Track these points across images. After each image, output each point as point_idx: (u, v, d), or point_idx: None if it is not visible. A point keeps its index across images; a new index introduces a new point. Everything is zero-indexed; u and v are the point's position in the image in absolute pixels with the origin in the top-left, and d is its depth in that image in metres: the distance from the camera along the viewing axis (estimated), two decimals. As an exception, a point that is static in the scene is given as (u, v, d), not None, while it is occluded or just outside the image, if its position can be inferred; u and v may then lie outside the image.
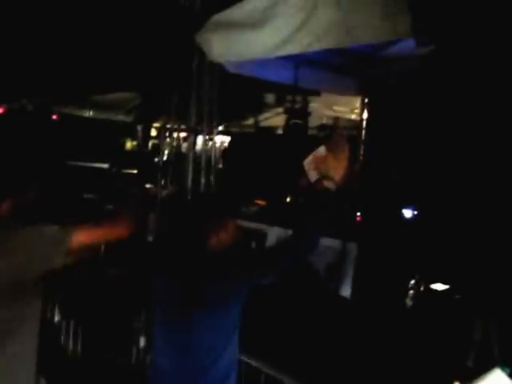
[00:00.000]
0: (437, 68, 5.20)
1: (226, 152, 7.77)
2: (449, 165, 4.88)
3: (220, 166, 7.83)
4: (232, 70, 5.25)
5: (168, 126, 5.45)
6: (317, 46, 3.78)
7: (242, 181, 6.18)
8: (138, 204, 2.50)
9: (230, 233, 2.28)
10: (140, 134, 9.48)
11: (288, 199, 5.52)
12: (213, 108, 5.07)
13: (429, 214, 4.49)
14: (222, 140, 8.93)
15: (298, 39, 3.81)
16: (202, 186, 5.23)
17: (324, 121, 8.59)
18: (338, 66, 5.76)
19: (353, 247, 4.20)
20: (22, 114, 8.51)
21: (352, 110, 6.34)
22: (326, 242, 4.19)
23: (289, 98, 6.35)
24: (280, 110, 7.35)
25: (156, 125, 8.87)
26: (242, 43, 4.22)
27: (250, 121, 9.85)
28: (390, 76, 5.57)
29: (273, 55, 4.04)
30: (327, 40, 3.64)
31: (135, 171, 8.12)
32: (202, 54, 4.87)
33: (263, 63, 5.53)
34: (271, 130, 9.22)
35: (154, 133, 9.83)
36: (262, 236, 4.66)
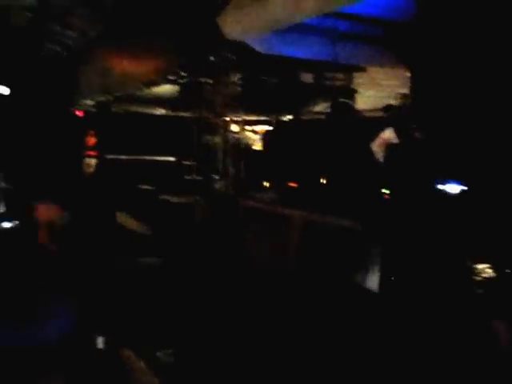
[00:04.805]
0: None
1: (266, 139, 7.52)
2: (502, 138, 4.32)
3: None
4: (261, 49, 5.05)
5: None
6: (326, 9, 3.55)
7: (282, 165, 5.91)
8: None
9: None
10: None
11: (323, 180, 5.14)
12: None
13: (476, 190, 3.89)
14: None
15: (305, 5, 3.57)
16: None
17: (391, 101, 8.04)
18: (377, 38, 5.32)
19: (377, 230, 3.71)
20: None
21: (402, 83, 5.79)
22: (343, 223, 3.81)
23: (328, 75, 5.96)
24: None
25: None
26: (252, 17, 4.04)
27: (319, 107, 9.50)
28: (432, 45, 5.01)
29: (281, 25, 3.82)
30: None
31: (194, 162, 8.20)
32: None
33: (296, 41, 5.25)
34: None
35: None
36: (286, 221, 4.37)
